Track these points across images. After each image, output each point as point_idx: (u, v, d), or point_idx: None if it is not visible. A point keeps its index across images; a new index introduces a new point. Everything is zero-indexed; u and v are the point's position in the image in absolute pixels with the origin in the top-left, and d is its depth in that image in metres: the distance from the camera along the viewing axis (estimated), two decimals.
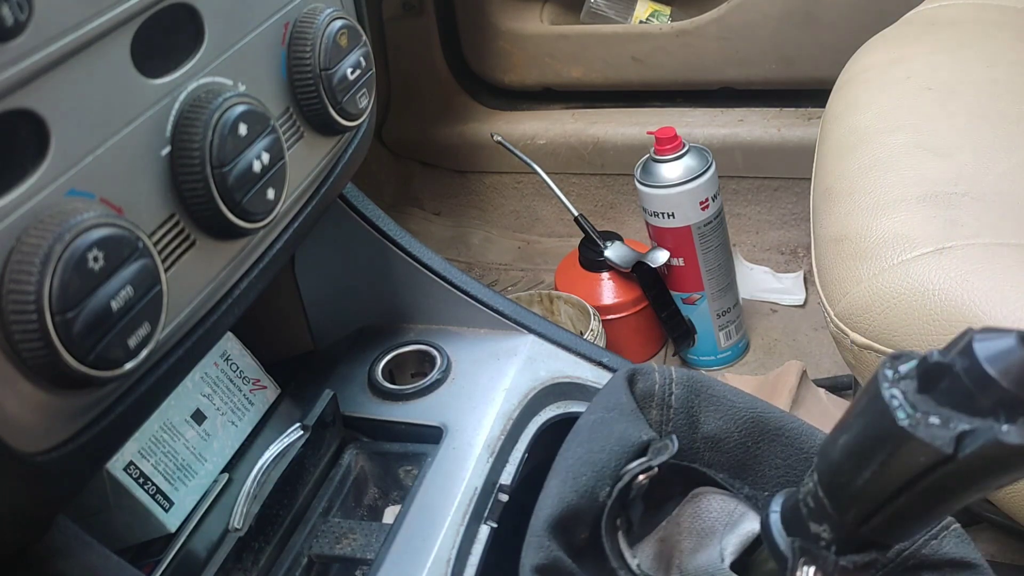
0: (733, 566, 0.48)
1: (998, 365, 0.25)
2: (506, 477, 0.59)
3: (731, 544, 0.49)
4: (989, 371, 0.25)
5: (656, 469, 0.49)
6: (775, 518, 0.34)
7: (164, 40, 0.42)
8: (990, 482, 0.27)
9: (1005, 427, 0.25)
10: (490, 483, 0.58)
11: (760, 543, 0.47)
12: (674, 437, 0.50)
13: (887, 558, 0.43)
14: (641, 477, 0.48)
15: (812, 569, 0.32)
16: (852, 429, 0.29)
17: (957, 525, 0.49)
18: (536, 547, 0.46)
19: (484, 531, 0.56)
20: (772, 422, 0.54)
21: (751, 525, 0.49)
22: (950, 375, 0.26)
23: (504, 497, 0.57)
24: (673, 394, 0.56)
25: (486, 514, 0.56)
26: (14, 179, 0.35)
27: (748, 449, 0.54)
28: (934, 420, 0.26)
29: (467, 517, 0.56)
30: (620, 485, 0.48)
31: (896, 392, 0.27)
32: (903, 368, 0.28)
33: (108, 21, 0.38)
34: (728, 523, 0.50)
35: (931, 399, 0.27)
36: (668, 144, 1.03)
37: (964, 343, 0.26)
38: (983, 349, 0.25)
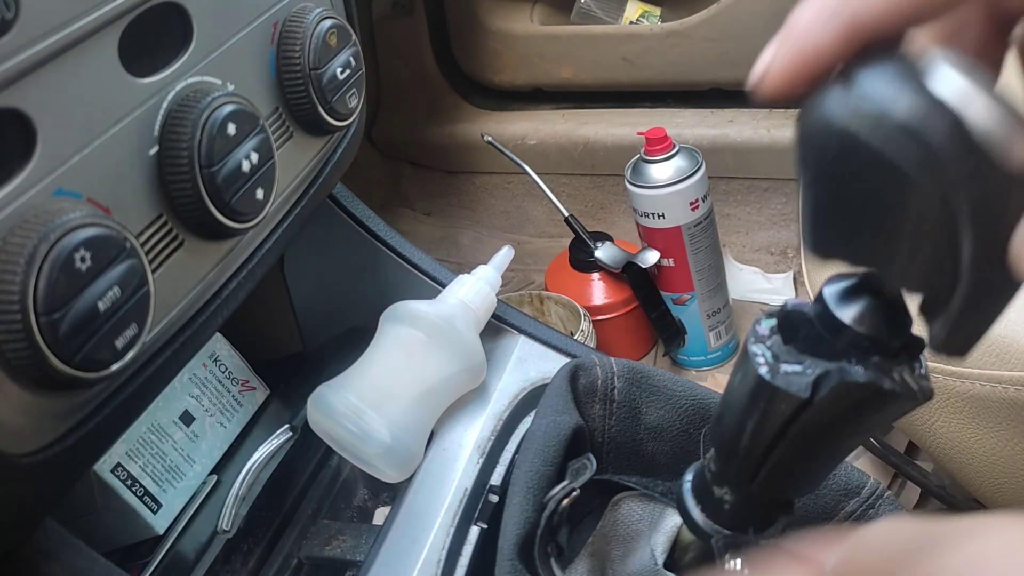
0: (666, 564, 0.49)
1: (846, 308, 0.26)
2: (496, 478, 0.59)
3: (659, 543, 0.50)
4: (837, 314, 0.26)
5: (578, 491, 0.49)
6: (687, 487, 0.34)
7: (152, 39, 0.42)
8: (854, 423, 0.28)
9: (856, 368, 0.26)
10: (480, 484, 0.58)
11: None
12: (591, 456, 0.52)
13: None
14: (565, 501, 0.49)
15: (739, 561, 0.32)
16: (729, 388, 0.30)
17: (890, 492, 0.50)
18: (508, 571, 0.47)
19: (474, 532, 0.55)
20: (713, 407, 0.55)
21: (673, 520, 0.50)
22: (805, 322, 0.27)
23: (494, 498, 0.57)
24: (616, 388, 0.57)
25: (476, 515, 0.56)
26: (0, 179, 0.34)
27: (691, 436, 0.55)
28: (794, 368, 0.27)
29: (457, 518, 0.56)
30: (547, 513, 0.49)
31: (760, 347, 0.28)
32: (771, 323, 0.28)
33: (95, 20, 0.38)
34: (651, 523, 0.51)
35: (795, 349, 0.27)
36: (658, 145, 1.03)
37: (818, 290, 0.27)
38: (832, 294, 0.26)
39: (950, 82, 0.22)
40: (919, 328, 0.26)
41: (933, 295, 0.24)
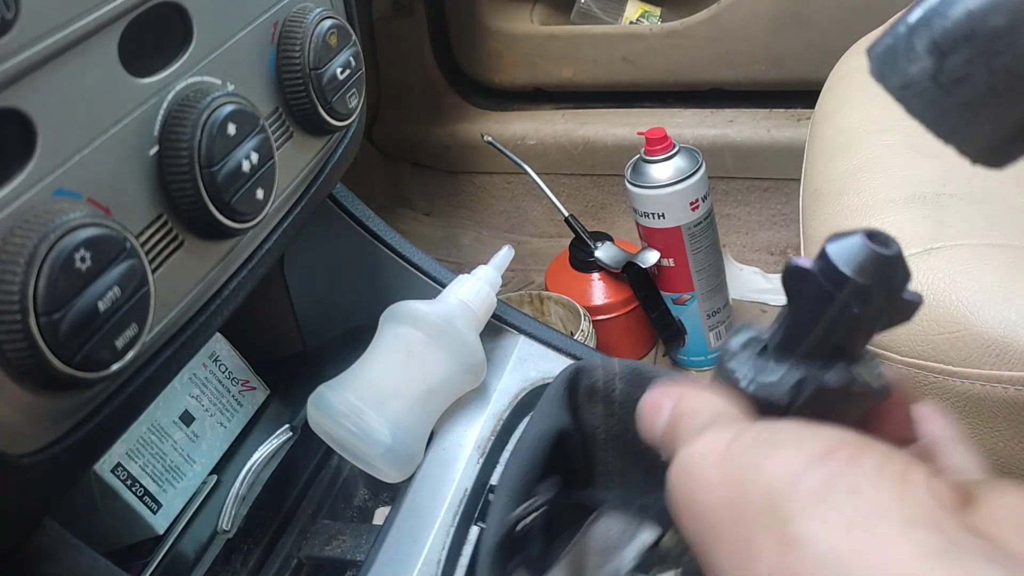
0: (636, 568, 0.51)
1: (849, 262, 0.27)
2: (496, 478, 0.59)
3: (631, 554, 0.52)
4: (842, 269, 0.27)
5: (543, 508, 0.52)
6: None
7: (152, 39, 0.42)
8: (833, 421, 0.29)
9: (828, 375, 0.28)
10: (480, 484, 0.58)
11: (655, 544, 0.51)
12: (558, 478, 0.54)
13: None
14: (529, 517, 0.51)
15: None
16: None
17: None
18: (488, 570, 0.49)
19: (474, 532, 0.55)
20: None
21: (648, 534, 0.52)
22: (809, 277, 0.28)
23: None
24: (617, 388, 0.58)
25: (476, 515, 0.56)
26: (0, 179, 0.34)
27: None
28: (770, 378, 0.29)
29: (457, 518, 0.56)
30: (503, 532, 0.51)
31: (735, 364, 0.29)
32: (742, 338, 0.30)
33: (95, 20, 0.38)
34: (629, 536, 0.53)
35: (765, 360, 0.29)
36: (658, 145, 1.03)
37: (820, 250, 0.28)
38: (835, 250, 0.27)
39: None
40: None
41: None
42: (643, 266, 1.08)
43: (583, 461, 0.62)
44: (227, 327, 0.60)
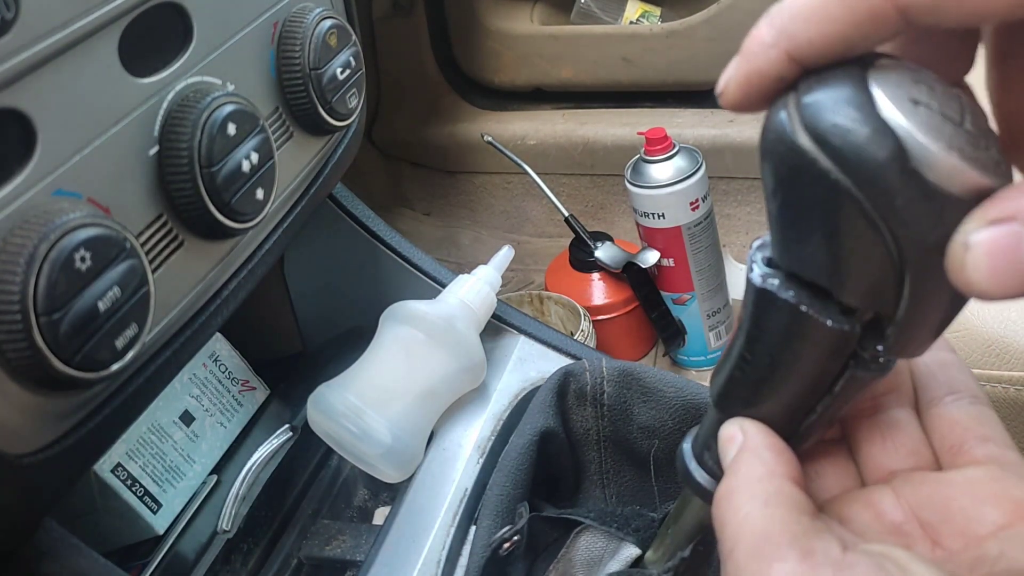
0: None
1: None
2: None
3: (614, 568, 0.53)
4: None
5: (518, 536, 0.53)
6: (687, 447, 0.34)
7: (152, 39, 0.42)
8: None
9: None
10: (480, 484, 0.58)
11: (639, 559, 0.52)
12: (526, 504, 0.55)
13: None
14: (506, 545, 0.53)
15: None
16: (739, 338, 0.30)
17: None
18: None
19: (474, 532, 0.55)
20: (703, 407, 0.56)
21: (630, 550, 0.53)
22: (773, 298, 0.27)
23: None
24: (605, 392, 0.59)
25: (476, 515, 0.56)
26: (0, 179, 0.34)
27: (684, 433, 0.58)
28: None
29: (457, 518, 0.56)
30: (487, 555, 0.52)
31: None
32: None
33: (96, 20, 0.38)
34: (612, 551, 0.54)
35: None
36: (658, 145, 1.03)
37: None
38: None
39: (891, 103, 0.22)
40: None
41: (882, 309, 0.25)
42: (643, 266, 1.07)
43: (572, 464, 0.62)
44: (227, 327, 0.60)
